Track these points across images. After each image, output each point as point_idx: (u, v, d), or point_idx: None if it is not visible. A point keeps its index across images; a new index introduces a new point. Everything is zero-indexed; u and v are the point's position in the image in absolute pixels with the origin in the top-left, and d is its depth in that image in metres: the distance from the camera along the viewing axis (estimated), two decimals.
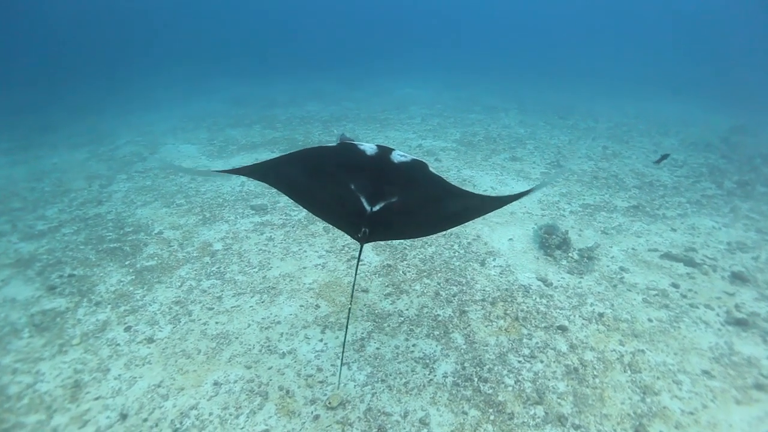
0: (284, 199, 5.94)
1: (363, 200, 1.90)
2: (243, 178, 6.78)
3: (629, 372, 2.99)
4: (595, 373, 2.98)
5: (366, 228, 1.81)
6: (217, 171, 2.22)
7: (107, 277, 4.23)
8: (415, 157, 2.08)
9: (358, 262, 2.26)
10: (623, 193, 6.29)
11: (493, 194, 6.12)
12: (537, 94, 14.12)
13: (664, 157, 6.34)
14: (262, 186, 6.44)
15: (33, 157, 8.71)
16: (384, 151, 2.05)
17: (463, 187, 2.06)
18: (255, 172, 2.12)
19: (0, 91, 16.23)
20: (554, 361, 3.09)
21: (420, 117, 10.90)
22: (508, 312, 3.62)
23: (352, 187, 1.94)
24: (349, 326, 3.48)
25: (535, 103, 12.81)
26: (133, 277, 4.21)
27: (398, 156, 2.04)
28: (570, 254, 4.56)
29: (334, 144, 2.15)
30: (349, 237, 2.38)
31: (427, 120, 10.59)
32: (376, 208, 1.87)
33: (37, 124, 11.65)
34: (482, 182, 6.56)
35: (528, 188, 2.06)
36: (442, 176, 2.02)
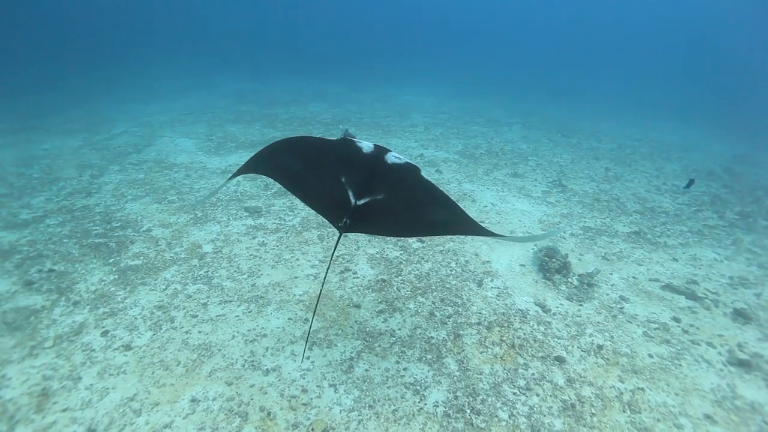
0: (279, 203, 5.78)
1: (350, 193, 2.02)
2: (238, 178, 6.62)
3: (629, 412, 2.85)
4: (593, 410, 2.84)
5: (347, 219, 1.91)
6: (228, 179, 2.42)
7: (89, 274, 4.04)
8: (408, 161, 2.25)
9: (334, 250, 2.38)
10: (625, 218, 6.20)
11: (494, 210, 6.01)
12: (541, 110, 14.08)
13: (691, 182, 6.32)
14: (257, 187, 6.28)
15: (24, 140, 8.49)
16: (379, 151, 2.22)
17: (462, 202, 2.18)
18: (257, 162, 2.23)
19: (1, 72, 15.96)
20: (551, 395, 2.95)
21: (423, 126, 10.80)
22: (504, 338, 3.48)
23: (343, 179, 2.06)
24: (338, 343, 3.33)
25: (539, 119, 12.77)
26: (116, 276, 4.02)
27: (392, 157, 2.21)
28: (569, 279, 4.44)
29: (337, 138, 2.31)
30: (345, 248, 3.15)
31: (429, 129, 10.49)
32: (361, 202, 1.99)
33: (33, 107, 11.42)
34: (483, 197, 6.44)
35: (522, 235, 2.26)
36: (436, 186, 2.15)
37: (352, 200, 1.98)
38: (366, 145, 2.24)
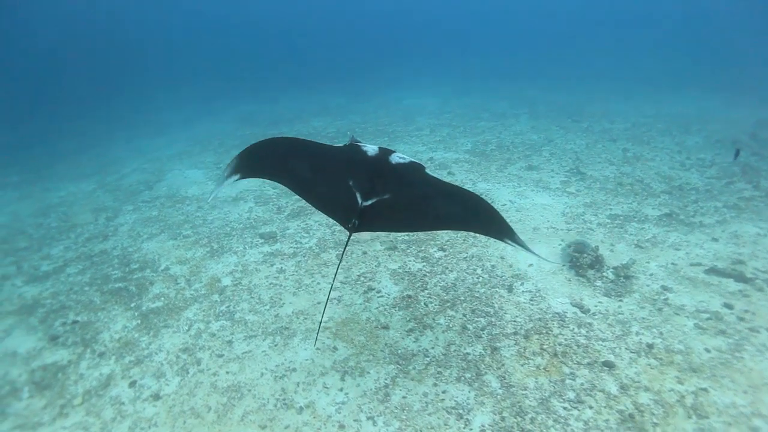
0: (293, 225, 5.69)
1: (358, 195, 2.11)
2: (251, 203, 6.57)
3: (695, 417, 2.61)
4: (655, 420, 2.61)
5: (356, 220, 2.02)
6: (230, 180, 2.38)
7: (112, 322, 3.99)
8: (413, 160, 2.37)
9: (345, 249, 2.48)
10: (652, 200, 5.90)
11: (513, 208, 5.80)
12: (547, 97, 13.76)
13: (738, 152, 6.06)
14: (270, 211, 6.21)
15: (41, 190, 8.66)
16: (384, 153, 2.34)
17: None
18: (259, 163, 2.30)
19: (10, 124, 16.45)
20: (605, 407, 2.73)
21: (428, 128, 10.63)
22: (544, 347, 3.27)
23: (350, 183, 2.16)
24: (371, 370, 3.18)
25: (546, 106, 12.46)
26: (139, 321, 3.96)
27: (397, 158, 2.31)
28: (604, 273, 4.20)
29: (346, 143, 2.44)
30: (365, 265, 3.38)
31: (435, 131, 10.32)
32: (368, 203, 2.08)
33: (45, 155, 11.70)
34: (500, 196, 6.23)
35: (529, 249, 2.20)
36: (442, 181, 2.26)
37: (360, 202, 2.08)
38: (371, 149, 2.36)
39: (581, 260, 4.29)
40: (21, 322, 4.16)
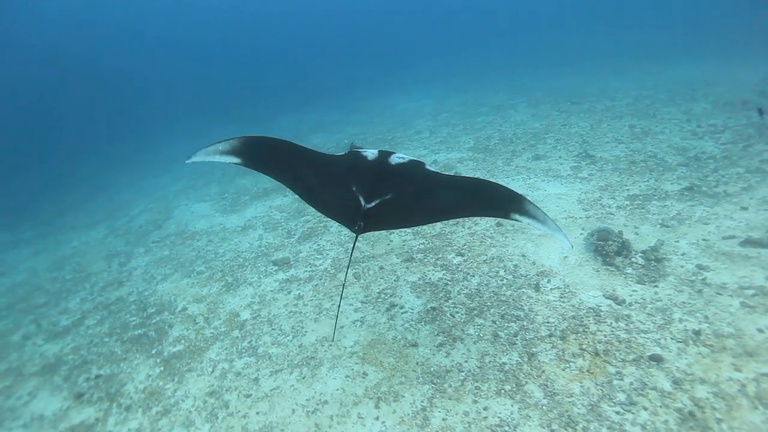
0: (306, 248, 5.59)
1: (361, 199, 2.19)
2: (260, 231, 6.50)
3: (761, 408, 2.42)
4: (718, 415, 2.42)
5: (361, 222, 2.10)
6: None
7: (135, 372, 3.91)
8: (413, 158, 2.42)
9: (353, 249, 2.52)
10: (670, 175, 5.69)
11: None
12: (543, 84, 13.57)
13: (761, 110, 5.86)
14: (280, 236, 6.13)
15: (54, 242, 8.72)
16: (383, 155, 2.41)
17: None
18: (274, 165, 2.38)
19: (17, 179, 16.75)
20: (661, 406, 2.55)
21: (428, 130, 10.52)
22: (584, 347, 3.10)
23: (354, 188, 2.25)
24: (405, 393, 3.03)
25: (543, 92, 12.27)
26: (162, 368, 3.88)
27: (396, 158, 2.39)
28: (633, 259, 4.01)
29: (346, 152, 2.54)
30: (384, 281, 3.49)
31: (435, 132, 10.20)
32: (371, 205, 2.16)
33: (55, 206, 11.84)
34: None
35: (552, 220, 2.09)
36: (443, 173, 2.35)
37: (363, 205, 2.16)
38: (371, 153, 2.44)
39: (607, 248, 4.10)
40: (45, 382, 4.10)
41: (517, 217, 2.07)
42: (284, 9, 47.04)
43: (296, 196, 7.49)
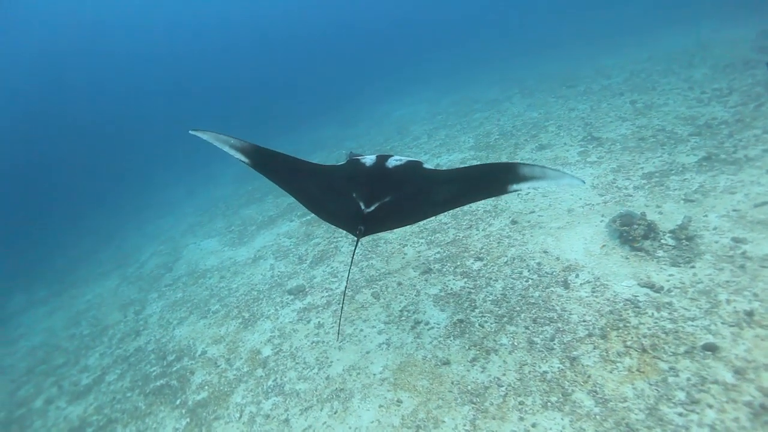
0: (319, 272, 5.45)
1: (361, 204, 2.26)
2: (270, 260, 6.38)
3: None
4: None
5: (361, 226, 2.18)
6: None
7: (161, 427, 3.77)
8: (410, 159, 2.49)
9: (354, 251, 2.61)
10: (683, 147, 5.47)
11: (538, 194, 5.44)
12: (534, 72, 13.42)
13: None
14: (292, 263, 6.00)
15: (68, 298, 8.68)
16: (381, 160, 2.47)
17: (503, 199, 2.87)
18: (279, 175, 2.45)
19: (27, 238, 16.92)
20: (727, 401, 2.33)
21: (425, 134, 10.40)
22: (628, 343, 2.89)
23: (354, 195, 2.31)
24: (445, 417, 2.84)
25: (536, 81, 12.12)
26: (188, 419, 3.73)
27: (393, 161, 2.45)
28: (663, 241, 3.80)
29: (346, 160, 2.62)
30: (404, 297, 3.47)
31: (433, 135, 10.08)
32: (371, 209, 2.24)
33: (67, 261, 11.87)
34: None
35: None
36: (440, 169, 2.40)
37: (363, 210, 2.24)
38: (369, 159, 2.50)
39: (632, 233, 3.90)
40: None
41: (515, 186, 1.97)
42: (266, 32, 47.70)
43: (303, 220, 7.28)
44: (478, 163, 7.29)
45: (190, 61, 44.42)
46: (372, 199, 2.27)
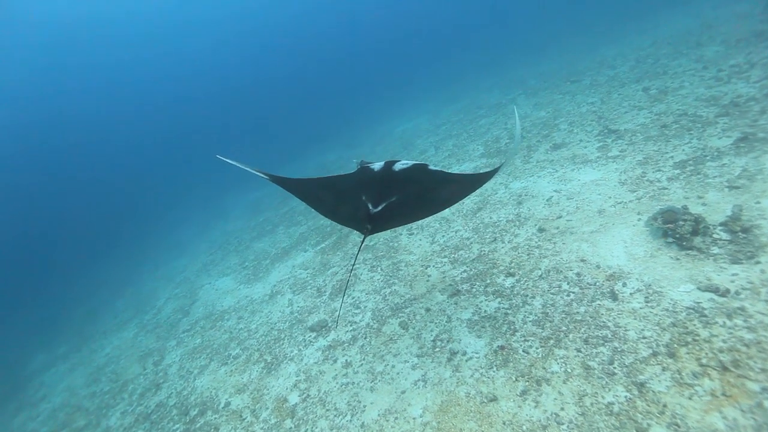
0: (339, 303, 5.15)
1: (369, 205, 2.42)
2: (288, 295, 6.11)
3: None
4: None
5: (369, 225, 2.33)
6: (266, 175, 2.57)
7: None
8: (416, 162, 2.69)
9: (360, 247, 2.64)
10: (712, 129, 5.11)
11: (563, 197, 5.12)
12: (533, 70, 13.21)
13: None
14: (310, 296, 5.72)
15: (88, 352, 8.50)
16: (389, 164, 2.65)
17: (524, 204, 3.91)
18: (296, 189, 2.71)
19: (46, 290, 17.01)
20: None
21: (432, 147, 10.17)
22: (703, 361, 2.52)
23: (363, 198, 2.48)
24: None
25: (538, 80, 11.88)
26: None
27: (400, 165, 2.63)
28: (715, 236, 3.43)
29: (357, 168, 2.84)
30: (434, 325, 3.49)
31: (440, 147, 9.84)
32: (378, 209, 2.39)
33: (85, 313, 11.77)
34: (541, 189, 5.57)
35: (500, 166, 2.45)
36: (445, 170, 2.58)
37: (371, 210, 2.40)
38: (377, 165, 2.70)
39: (679, 230, 3.54)
40: None
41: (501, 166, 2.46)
42: (263, 62, 48.68)
43: (317, 249, 7.00)
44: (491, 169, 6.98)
45: (194, 91, 45.44)
46: (380, 200, 2.45)
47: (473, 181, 2.52)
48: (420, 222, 6.16)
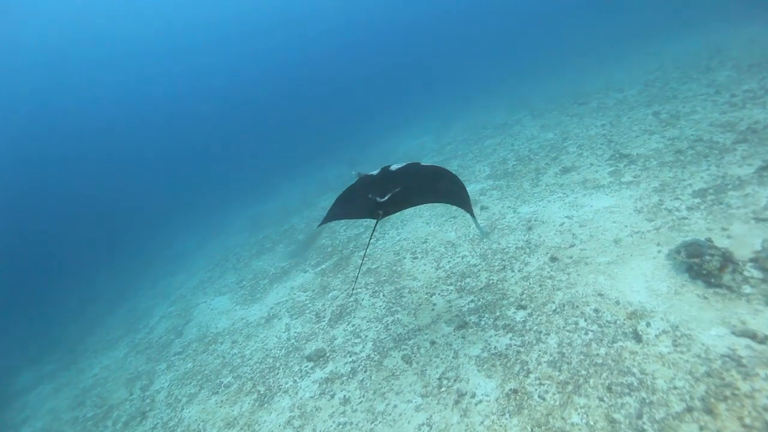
0: (339, 331, 4.87)
1: (376, 198, 2.84)
2: (286, 319, 5.83)
3: None
4: None
5: (380, 211, 2.79)
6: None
7: None
8: (408, 162, 3.19)
9: (372, 234, 3.49)
10: (731, 157, 4.92)
11: (575, 224, 4.88)
12: (539, 91, 13.15)
13: None
14: (309, 321, 5.44)
15: (75, 372, 8.16)
16: (385, 168, 3.15)
17: (534, 231, 4.85)
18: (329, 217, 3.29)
19: (39, 303, 16.67)
20: None
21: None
22: (747, 421, 2.24)
23: (369, 195, 2.91)
24: None
25: (544, 100, 11.80)
26: None
27: (395, 166, 3.14)
28: (746, 273, 3.18)
29: (356, 179, 3.34)
30: (440, 360, 3.65)
31: (446, 167, 9.65)
32: (386, 198, 2.81)
33: (78, 328, 11.44)
34: (551, 214, 5.34)
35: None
36: (437, 165, 3.15)
37: (380, 200, 2.79)
38: (375, 171, 3.17)
39: (705, 266, 3.30)
40: None
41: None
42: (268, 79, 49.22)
43: (317, 270, 6.77)
44: (499, 192, 6.79)
45: (195, 105, 45.79)
46: (385, 191, 2.82)
47: (460, 189, 3.01)
48: (424, 246, 5.93)
